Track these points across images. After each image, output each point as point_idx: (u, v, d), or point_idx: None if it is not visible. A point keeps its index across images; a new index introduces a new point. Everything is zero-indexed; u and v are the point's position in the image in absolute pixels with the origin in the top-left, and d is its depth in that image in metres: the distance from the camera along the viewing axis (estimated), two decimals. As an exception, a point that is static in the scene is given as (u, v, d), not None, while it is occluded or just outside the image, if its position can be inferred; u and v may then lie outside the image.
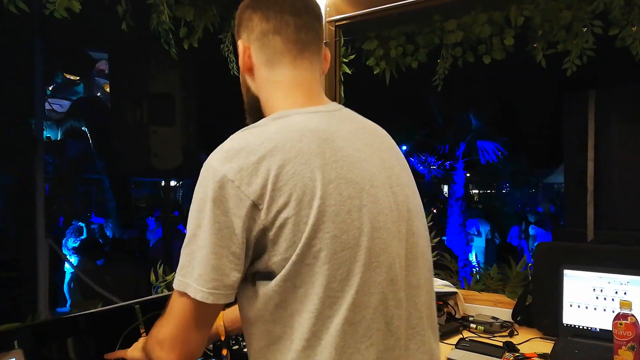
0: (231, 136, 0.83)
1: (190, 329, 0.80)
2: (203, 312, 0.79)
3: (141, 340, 1.20)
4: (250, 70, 0.94)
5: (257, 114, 0.94)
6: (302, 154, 0.78)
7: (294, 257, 0.76)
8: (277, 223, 0.76)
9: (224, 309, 1.32)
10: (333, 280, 0.77)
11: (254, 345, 0.84)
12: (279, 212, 0.75)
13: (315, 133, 0.82)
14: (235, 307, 1.21)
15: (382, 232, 0.82)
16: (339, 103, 2.50)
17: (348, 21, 2.45)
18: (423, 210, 0.96)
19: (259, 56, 0.92)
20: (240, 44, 0.95)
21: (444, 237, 11.21)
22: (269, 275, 0.78)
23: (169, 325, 0.81)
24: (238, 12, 0.98)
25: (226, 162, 0.77)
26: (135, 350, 1.17)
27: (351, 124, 0.91)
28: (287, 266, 0.76)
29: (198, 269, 0.77)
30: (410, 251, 0.87)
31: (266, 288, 0.78)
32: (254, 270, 0.81)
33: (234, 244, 0.76)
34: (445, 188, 13.46)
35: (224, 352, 1.45)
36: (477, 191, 15.34)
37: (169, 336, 0.81)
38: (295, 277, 0.76)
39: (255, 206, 0.75)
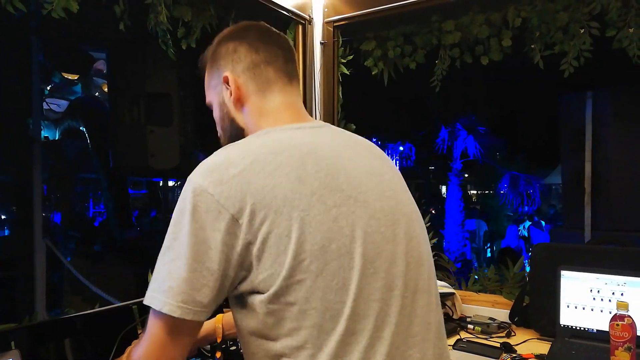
0: (214, 152, 0.83)
1: (163, 349, 0.77)
2: (174, 329, 0.76)
3: (128, 349, 1.18)
4: (239, 100, 0.93)
5: None
6: (282, 166, 0.78)
7: (283, 273, 0.74)
8: (260, 237, 0.74)
9: (222, 312, 1.32)
10: (329, 291, 0.75)
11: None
12: (260, 225, 0.74)
13: (297, 147, 0.82)
14: None
15: (375, 236, 0.81)
16: (337, 104, 2.53)
17: (346, 22, 2.45)
18: (420, 216, 0.95)
19: (250, 86, 0.93)
20: (228, 76, 0.93)
21: (441, 238, 11.24)
22: (260, 291, 0.77)
23: (143, 345, 0.79)
24: (213, 46, 0.98)
25: (207, 176, 0.77)
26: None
27: (336, 137, 0.92)
28: (278, 283, 0.74)
29: (169, 281, 0.75)
30: (409, 254, 0.85)
31: (259, 308, 0.77)
32: (241, 292, 0.79)
33: (210, 259, 0.74)
34: (444, 189, 13.47)
35: (218, 354, 1.44)
36: (475, 192, 15.36)
37: (143, 357, 0.79)
38: (287, 295, 0.75)
39: (235, 220, 0.74)
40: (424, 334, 0.84)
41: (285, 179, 0.77)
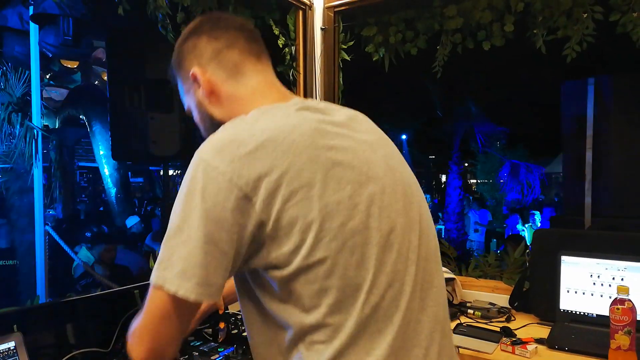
0: (220, 128, 0.81)
1: (161, 324, 0.77)
2: (181, 309, 0.76)
3: None
4: (213, 92, 0.90)
5: None
6: (295, 145, 0.76)
7: (302, 252, 0.73)
8: (274, 216, 0.73)
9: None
10: (349, 268, 0.75)
11: (260, 339, 0.83)
12: (275, 205, 0.73)
13: (305, 125, 0.80)
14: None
15: (389, 210, 0.81)
16: (338, 89, 2.52)
17: (347, 7, 2.43)
18: (424, 197, 0.95)
19: (219, 74, 0.90)
20: (195, 71, 0.90)
21: (441, 226, 11.27)
22: (274, 268, 0.76)
23: (142, 318, 0.79)
24: (175, 53, 0.96)
25: (216, 154, 0.74)
26: None
27: (338, 114, 0.90)
28: (297, 262, 0.74)
29: (181, 264, 0.73)
30: (421, 225, 0.86)
31: (276, 285, 0.76)
32: (254, 267, 0.78)
33: (223, 240, 0.72)
34: (444, 177, 13.46)
35: (222, 325, 1.45)
36: (475, 180, 15.35)
37: (139, 328, 0.79)
38: (308, 273, 0.74)
39: (248, 199, 0.72)
40: (437, 300, 0.85)
41: (299, 158, 0.75)
